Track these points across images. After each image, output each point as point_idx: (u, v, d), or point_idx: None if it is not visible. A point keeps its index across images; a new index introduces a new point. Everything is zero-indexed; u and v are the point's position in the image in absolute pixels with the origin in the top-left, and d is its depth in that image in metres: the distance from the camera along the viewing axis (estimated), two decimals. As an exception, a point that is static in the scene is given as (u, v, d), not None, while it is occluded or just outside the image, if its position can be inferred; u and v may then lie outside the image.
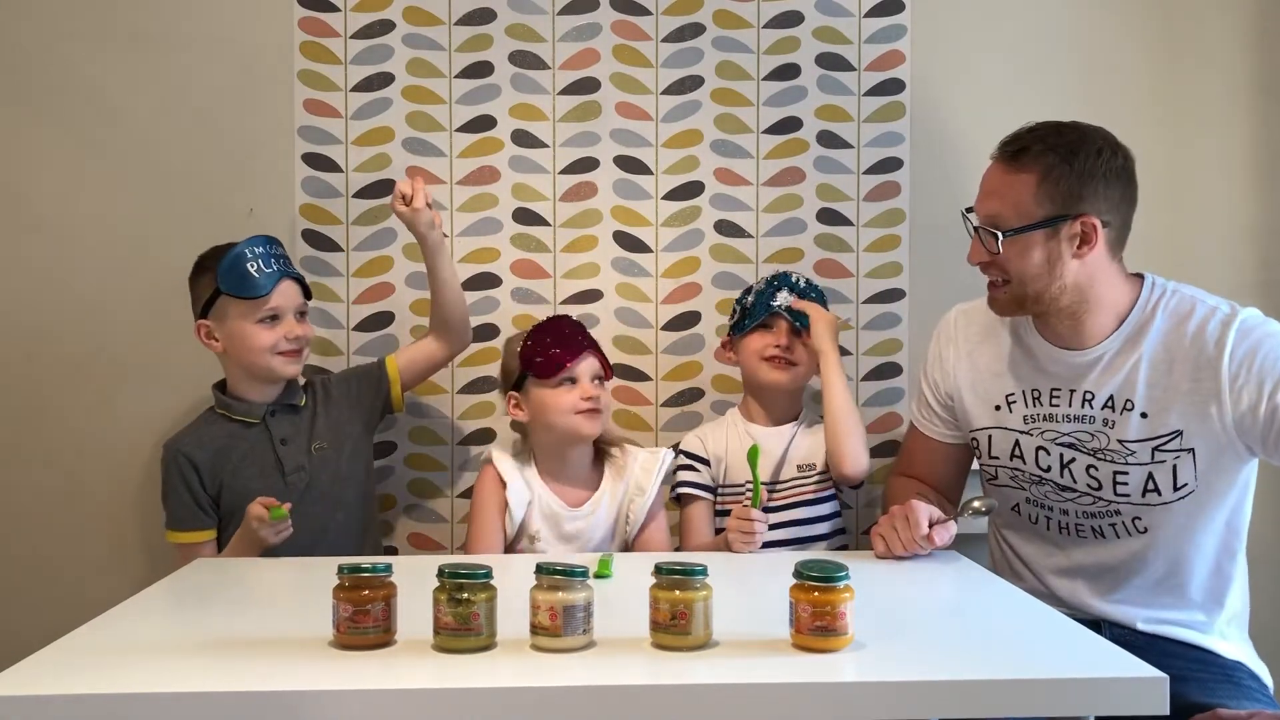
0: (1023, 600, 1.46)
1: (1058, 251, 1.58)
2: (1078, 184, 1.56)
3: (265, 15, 2.17)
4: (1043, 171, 1.57)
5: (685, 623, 1.19)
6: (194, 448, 1.90)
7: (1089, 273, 1.59)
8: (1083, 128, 1.60)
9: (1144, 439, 1.60)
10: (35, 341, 2.17)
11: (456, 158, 2.20)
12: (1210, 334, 1.58)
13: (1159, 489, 1.61)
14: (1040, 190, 1.57)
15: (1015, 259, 1.60)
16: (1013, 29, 2.23)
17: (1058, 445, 1.67)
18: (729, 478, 2.00)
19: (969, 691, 1.11)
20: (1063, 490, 1.68)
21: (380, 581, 1.22)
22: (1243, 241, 2.25)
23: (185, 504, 1.90)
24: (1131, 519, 1.64)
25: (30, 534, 2.17)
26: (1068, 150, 1.57)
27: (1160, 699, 1.10)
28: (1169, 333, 1.61)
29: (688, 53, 2.21)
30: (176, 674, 1.12)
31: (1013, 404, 1.71)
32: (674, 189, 2.22)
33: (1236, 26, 2.24)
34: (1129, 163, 1.60)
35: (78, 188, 2.17)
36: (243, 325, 1.88)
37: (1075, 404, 1.65)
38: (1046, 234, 1.57)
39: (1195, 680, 1.55)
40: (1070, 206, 1.56)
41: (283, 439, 1.92)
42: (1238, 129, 2.25)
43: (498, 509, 1.87)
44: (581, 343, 1.90)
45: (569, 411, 1.85)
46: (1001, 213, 1.60)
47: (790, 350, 1.98)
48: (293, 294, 1.93)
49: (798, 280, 2.04)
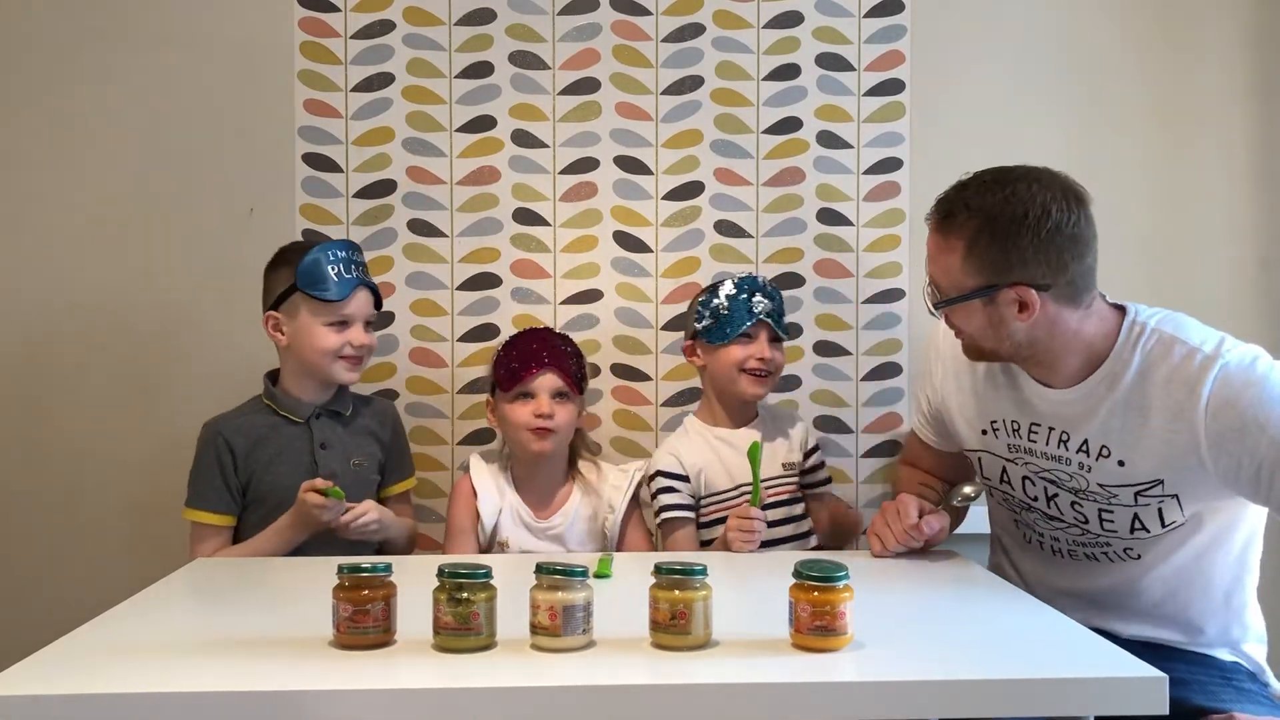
0: (1023, 600, 1.46)
1: (998, 316, 1.49)
2: (1003, 254, 1.45)
3: (265, 15, 2.17)
4: (969, 241, 1.47)
5: (685, 622, 1.19)
6: (233, 432, 1.90)
7: (1045, 329, 1.48)
8: (1014, 182, 1.47)
9: (1124, 485, 1.52)
10: (35, 342, 2.17)
11: (456, 158, 2.20)
12: (1186, 381, 1.44)
13: (1146, 527, 1.53)
14: (968, 261, 1.48)
15: (961, 322, 1.54)
16: (1012, 29, 2.23)
17: (1040, 479, 1.61)
18: (710, 486, 1.96)
19: (969, 691, 1.11)
20: (1050, 520, 1.63)
21: (380, 581, 1.23)
22: (1243, 241, 2.25)
23: (213, 484, 1.88)
24: (1123, 549, 1.58)
25: (30, 534, 2.17)
26: (988, 217, 1.45)
27: (1160, 699, 1.10)
28: (1144, 377, 1.48)
29: (688, 53, 2.21)
30: (176, 674, 1.12)
31: (997, 431, 1.64)
32: (674, 189, 2.22)
33: (1236, 26, 2.24)
34: (1069, 215, 1.45)
35: (78, 188, 2.17)
36: (312, 325, 1.88)
37: (1052, 443, 1.57)
38: (984, 301, 1.49)
39: (1195, 683, 1.54)
40: (1000, 276, 1.46)
41: (323, 443, 1.91)
42: (1238, 129, 2.25)
43: (470, 518, 1.89)
44: (544, 359, 1.86)
45: (522, 427, 1.85)
46: (937, 280, 1.54)
47: (770, 361, 1.93)
48: (366, 303, 1.92)
49: (765, 283, 1.99)
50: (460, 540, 1.89)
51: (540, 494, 1.92)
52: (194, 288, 2.17)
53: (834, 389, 2.23)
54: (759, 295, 1.95)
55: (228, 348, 2.16)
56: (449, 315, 2.20)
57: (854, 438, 2.23)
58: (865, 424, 2.23)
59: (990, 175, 1.50)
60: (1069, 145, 2.22)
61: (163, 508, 2.14)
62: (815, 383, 2.22)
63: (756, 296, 1.95)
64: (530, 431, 1.84)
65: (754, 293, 1.95)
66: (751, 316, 1.92)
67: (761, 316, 1.93)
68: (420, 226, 2.19)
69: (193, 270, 2.17)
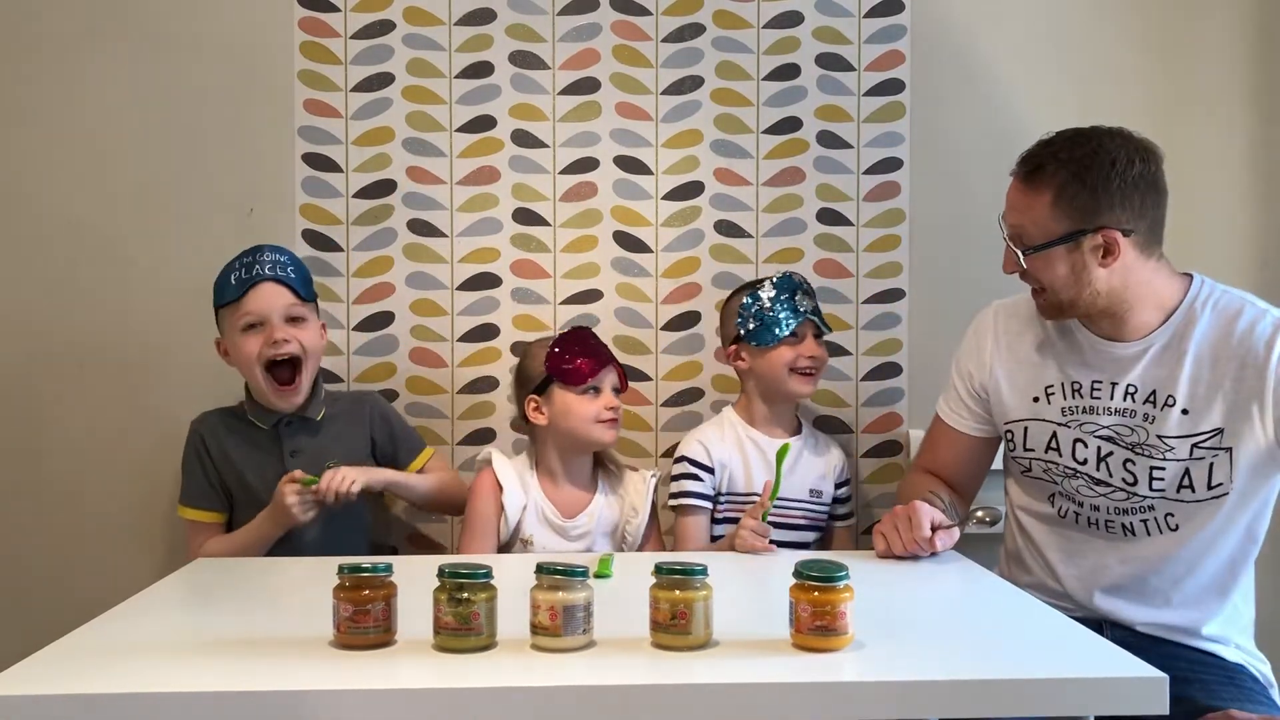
0: (1023, 600, 1.46)
1: (1082, 263, 1.58)
2: (1092, 199, 1.55)
3: (265, 15, 2.17)
4: (1057, 189, 1.57)
5: (685, 622, 1.19)
6: (210, 433, 1.91)
7: (1121, 278, 1.59)
8: (1099, 136, 1.59)
9: (1183, 435, 1.60)
10: (35, 342, 2.17)
11: (456, 158, 2.20)
12: (1260, 335, 1.57)
13: (1193, 485, 1.60)
14: (1056, 208, 1.57)
15: (1043, 272, 1.61)
16: (1012, 29, 2.23)
17: (1096, 438, 1.66)
18: (732, 486, 1.97)
19: (969, 691, 1.11)
20: (1096, 485, 1.67)
21: (380, 581, 1.22)
22: (1243, 241, 2.25)
23: (198, 481, 1.91)
24: (1164, 514, 1.63)
25: (31, 534, 2.17)
26: (1080, 166, 1.56)
27: (1160, 699, 1.10)
28: (1216, 330, 1.60)
29: (688, 53, 2.21)
30: (176, 674, 1.12)
31: (1051, 395, 1.70)
32: (674, 189, 2.22)
33: (1236, 26, 2.24)
34: (1149, 166, 1.58)
35: (78, 188, 2.17)
36: (233, 337, 1.88)
37: (1117, 397, 1.64)
38: (1069, 248, 1.58)
39: (1198, 682, 1.55)
40: (1088, 221, 1.56)
41: (294, 451, 1.91)
42: (1238, 129, 2.25)
43: (494, 513, 1.89)
44: (607, 355, 1.94)
45: (591, 419, 1.88)
46: (1023, 229, 1.61)
47: (818, 358, 1.98)
48: (273, 295, 1.86)
49: (801, 280, 2.02)
50: (482, 534, 1.88)
51: (567, 494, 1.93)
52: (194, 288, 2.16)
53: (834, 389, 2.23)
54: (800, 294, 1.98)
55: (228, 348, 2.16)
56: (449, 315, 2.20)
57: (854, 438, 2.23)
58: (865, 424, 2.23)
59: (1073, 132, 1.61)
60: (1069, 145, 2.22)
61: (162, 508, 2.15)
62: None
63: (799, 295, 1.98)
64: (601, 424, 1.89)
65: (795, 292, 1.98)
66: (799, 316, 1.96)
67: (808, 315, 1.96)
68: (420, 226, 2.19)
69: (193, 270, 2.16)
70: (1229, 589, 1.64)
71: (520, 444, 2.15)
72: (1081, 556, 1.69)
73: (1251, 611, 1.70)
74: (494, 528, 1.88)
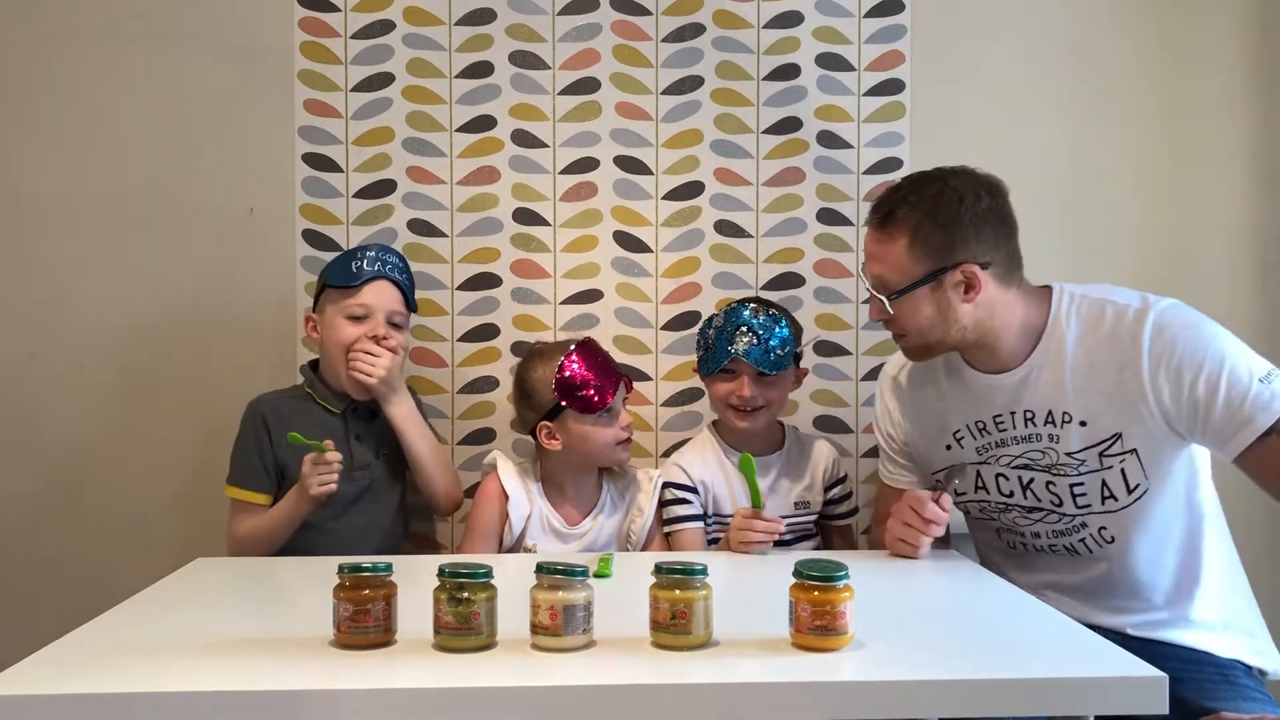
0: (1023, 600, 1.46)
1: (946, 301, 1.59)
2: (946, 236, 1.57)
3: (265, 15, 2.17)
4: (912, 231, 1.58)
5: (685, 622, 1.19)
6: (272, 413, 1.92)
7: (986, 310, 1.60)
8: (944, 176, 1.61)
9: (1087, 446, 1.61)
10: (35, 342, 2.17)
11: (456, 158, 2.20)
12: (1125, 332, 1.58)
13: (1115, 494, 1.61)
14: (913, 250, 1.58)
15: (910, 316, 1.62)
16: (1012, 29, 2.23)
17: (1013, 469, 1.68)
18: (717, 508, 1.95)
19: (969, 691, 1.11)
20: (1030, 512, 1.69)
21: (380, 581, 1.23)
22: (1243, 241, 2.25)
23: (251, 461, 1.91)
24: (1098, 529, 1.64)
25: (31, 534, 2.17)
26: (931, 205, 1.58)
27: (1160, 699, 1.10)
28: (1085, 338, 1.61)
29: (688, 53, 2.21)
30: (176, 674, 1.12)
31: (961, 440, 1.72)
32: (674, 189, 2.22)
33: (1236, 26, 2.24)
34: (996, 199, 1.60)
35: (78, 188, 2.17)
36: (334, 318, 1.92)
37: (1019, 425, 1.65)
38: (931, 288, 1.59)
39: (1191, 681, 1.55)
40: (946, 258, 1.57)
41: (357, 435, 1.95)
42: (1238, 129, 2.25)
43: (498, 519, 1.89)
44: (614, 370, 1.92)
45: (611, 444, 1.89)
46: (885, 277, 1.62)
47: (755, 399, 1.89)
48: (388, 295, 1.93)
49: (755, 315, 1.90)
50: (483, 541, 1.88)
51: (572, 502, 1.93)
52: (194, 288, 2.17)
53: (834, 389, 2.23)
54: (742, 331, 1.88)
55: (227, 348, 2.16)
56: (449, 315, 2.20)
57: (854, 438, 2.23)
58: (865, 424, 2.23)
59: (919, 175, 1.64)
60: (1068, 145, 2.23)
61: (163, 508, 2.15)
62: (815, 383, 2.22)
63: (740, 333, 1.88)
64: (620, 445, 1.90)
65: (737, 329, 1.88)
66: (727, 356, 1.89)
67: (737, 356, 1.87)
68: (420, 226, 2.19)
69: (193, 270, 2.17)
70: (1196, 568, 1.64)
71: (520, 444, 2.15)
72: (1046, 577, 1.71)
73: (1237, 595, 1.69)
74: (497, 535, 1.89)
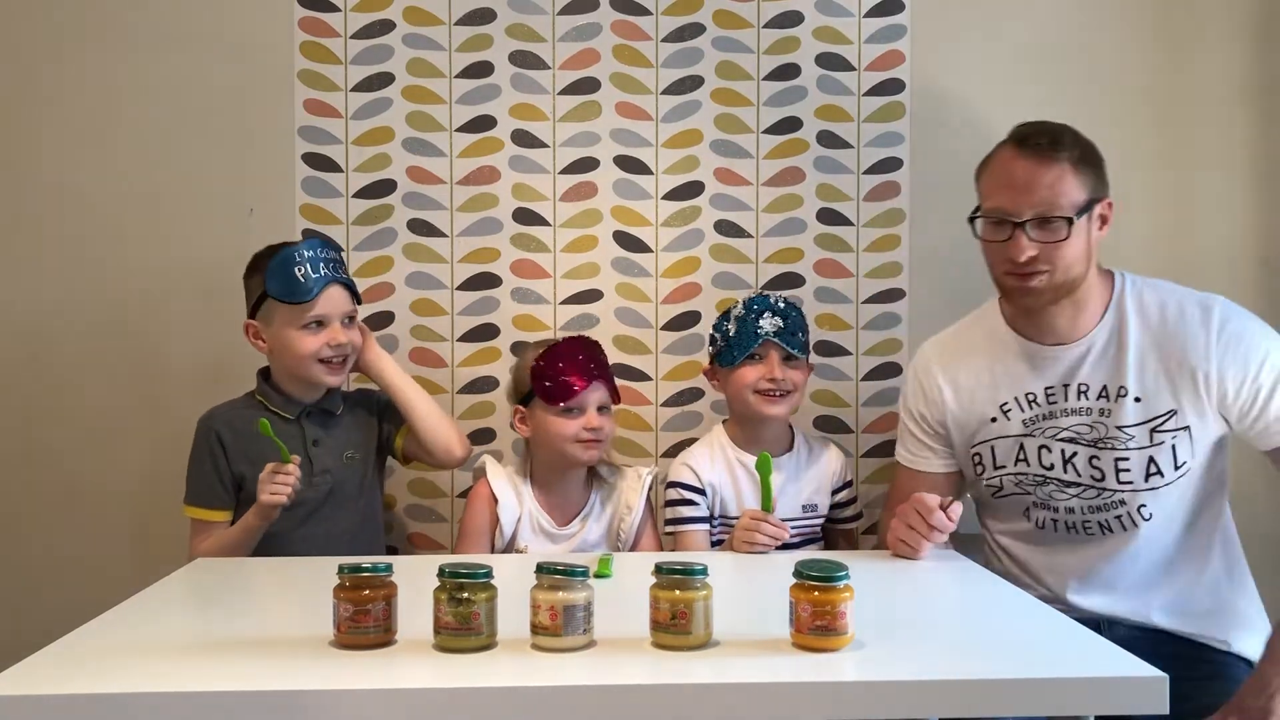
0: (1023, 600, 1.46)
1: (1090, 234, 1.65)
2: (1097, 169, 1.65)
3: (265, 15, 2.17)
4: (1077, 158, 1.63)
5: (685, 622, 1.19)
6: (225, 426, 1.90)
7: (1095, 257, 1.68)
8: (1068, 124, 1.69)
9: (1140, 422, 1.65)
10: (37, 341, 2.17)
11: (456, 158, 2.20)
12: (1193, 315, 1.65)
13: (1161, 470, 1.65)
14: (1079, 175, 1.63)
15: (1068, 247, 1.63)
16: (1012, 28, 2.23)
17: (1059, 441, 1.70)
18: (724, 510, 1.95)
19: (969, 691, 1.11)
20: (1067, 486, 1.70)
21: (380, 581, 1.22)
22: (1243, 241, 2.25)
23: (207, 479, 1.89)
24: (1137, 507, 1.66)
25: (31, 534, 2.18)
26: (1083, 139, 1.65)
27: (1160, 699, 1.10)
28: (1152, 317, 1.67)
29: (688, 53, 2.21)
30: (176, 674, 1.12)
31: (1008, 412, 1.74)
32: (674, 189, 2.22)
33: (1236, 26, 2.24)
34: None
35: (78, 188, 2.17)
36: (287, 330, 1.87)
37: (1071, 398, 1.69)
38: (1088, 218, 1.64)
39: (1186, 679, 1.54)
40: (1098, 189, 1.65)
41: (315, 440, 1.92)
42: (1238, 129, 2.25)
43: (488, 524, 1.89)
44: (593, 371, 1.88)
45: (569, 439, 1.86)
46: (1052, 202, 1.62)
47: (785, 381, 1.91)
48: (340, 300, 1.90)
49: (777, 301, 1.96)
50: (474, 545, 1.89)
51: (561, 502, 1.93)
52: (194, 288, 2.17)
53: (834, 389, 2.23)
54: (768, 314, 1.92)
55: (227, 348, 2.15)
56: (449, 315, 2.20)
57: (854, 437, 2.23)
58: (865, 424, 2.23)
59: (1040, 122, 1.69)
60: (1069, 145, 2.22)
61: (163, 508, 2.15)
62: (815, 383, 2.22)
63: (765, 316, 1.92)
64: (579, 444, 1.86)
65: (763, 312, 1.93)
66: (757, 338, 1.90)
67: (768, 336, 1.90)
68: (420, 226, 2.19)
69: (193, 270, 2.17)
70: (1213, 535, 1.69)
71: (519, 443, 2.15)
72: (1066, 564, 1.71)
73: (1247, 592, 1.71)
74: (488, 539, 1.89)
